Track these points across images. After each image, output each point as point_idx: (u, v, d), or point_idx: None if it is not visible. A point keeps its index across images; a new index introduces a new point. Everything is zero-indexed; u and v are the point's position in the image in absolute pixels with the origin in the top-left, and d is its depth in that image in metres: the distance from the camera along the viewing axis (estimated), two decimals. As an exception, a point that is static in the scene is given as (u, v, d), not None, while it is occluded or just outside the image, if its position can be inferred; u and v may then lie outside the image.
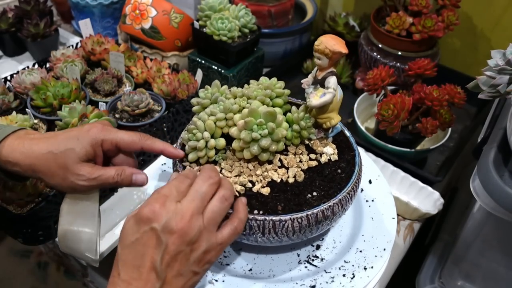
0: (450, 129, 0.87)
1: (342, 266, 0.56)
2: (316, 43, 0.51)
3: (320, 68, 0.53)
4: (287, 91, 0.60)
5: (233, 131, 0.53)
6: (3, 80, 0.92)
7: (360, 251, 0.58)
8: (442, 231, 0.91)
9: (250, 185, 0.53)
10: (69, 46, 1.05)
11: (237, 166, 0.54)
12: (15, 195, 0.68)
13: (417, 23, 0.92)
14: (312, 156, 0.57)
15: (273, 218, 0.49)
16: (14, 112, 0.81)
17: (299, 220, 0.49)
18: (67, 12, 1.29)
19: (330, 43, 0.50)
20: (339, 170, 0.56)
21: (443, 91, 0.80)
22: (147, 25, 1.01)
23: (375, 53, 1.00)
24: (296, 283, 0.54)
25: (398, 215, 0.79)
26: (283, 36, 1.12)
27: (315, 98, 0.53)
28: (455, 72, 1.08)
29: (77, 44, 1.06)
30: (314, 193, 0.52)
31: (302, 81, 0.56)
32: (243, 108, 0.55)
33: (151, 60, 0.97)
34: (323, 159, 0.57)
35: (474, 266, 0.73)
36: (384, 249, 0.58)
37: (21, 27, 1.08)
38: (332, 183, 0.54)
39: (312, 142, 0.58)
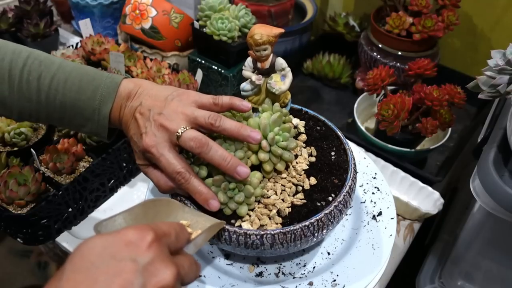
0: (450, 129, 0.87)
1: (333, 272, 0.56)
2: (257, 38, 0.51)
3: (264, 59, 0.54)
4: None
5: (262, 156, 0.51)
6: (3, 80, 0.92)
7: (360, 252, 0.58)
8: (442, 231, 0.91)
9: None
10: (69, 46, 1.05)
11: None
12: (15, 195, 0.68)
13: (417, 23, 0.92)
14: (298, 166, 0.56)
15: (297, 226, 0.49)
16: (14, 112, 0.81)
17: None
18: (67, 12, 1.29)
19: (267, 31, 0.51)
20: (333, 178, 0.56)
21: (443, 91, 0.80)
22: (147, 25, 1.01)
23: (375, 53, 1.00)
24: (300, 284, 0.54)
25: (398, 215, 0.80)
26: (283, 36, 1.11)
27: (280, 83, 0.54)
28: (455, 72, 1.08)
29: (77, 44, 1.06)
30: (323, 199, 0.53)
31: (253, 79, 0.55)
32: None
33: (151, 60, 0.97)
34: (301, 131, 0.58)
35: (474, 266, 0.73)
36: (384, 251, 0.58)
37: (21, 27, 1.08)
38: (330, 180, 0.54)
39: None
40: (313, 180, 0.54)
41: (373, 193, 0.65)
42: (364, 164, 0.68)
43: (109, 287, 0.29)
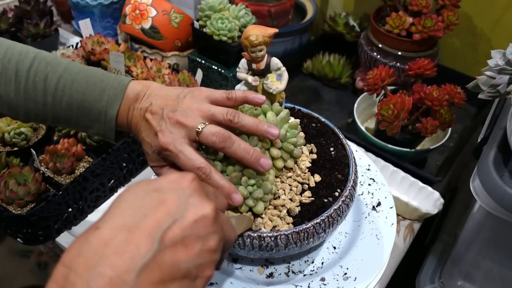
0: (450, 129, 0.87)
1: (342, 266, 0.56)
2: (252, 39, 0.50)
3: (259, 60, 0.53)
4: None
5: (275, 152, 0.52)
6: (3, 80, 0.92)
7: (366, 244, 0.58)
8: (442, 231, 0.91)
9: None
10: (69, 46, 1.05)
11: None
12: (15, 195, 0.68)
13: (417, 23, 0.92)
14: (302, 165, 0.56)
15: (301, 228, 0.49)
16: (14, 112, 0.81)
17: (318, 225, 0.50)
18: (67, 12, 1.29)
19: (262, 31, 0.51)
20: (337, 173, 0.56)
21: (443, 91, 0.80)
22: (147, 25, 1.01)
23: (375, 53, 1.00)
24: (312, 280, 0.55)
25: (398, 215, 0.80)
26: (283, 36, 1.12)
27: (276, 83, 0.54)
28: (455, 72, 1.08)
29: (77, 44, 1.06)
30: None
31: (249, 80, 0.54)
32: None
33: (151, 60, 0.97)
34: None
35: (474, 266, 0.73)
36: (388, 240, 0.59)
37: (21, 27, 1.08)
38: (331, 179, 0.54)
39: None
40: (317, 177, 0.55)
41: (369, 184, 0.66)
42: (357, 157, 0.69)
43: (153, 214, 0.32)
